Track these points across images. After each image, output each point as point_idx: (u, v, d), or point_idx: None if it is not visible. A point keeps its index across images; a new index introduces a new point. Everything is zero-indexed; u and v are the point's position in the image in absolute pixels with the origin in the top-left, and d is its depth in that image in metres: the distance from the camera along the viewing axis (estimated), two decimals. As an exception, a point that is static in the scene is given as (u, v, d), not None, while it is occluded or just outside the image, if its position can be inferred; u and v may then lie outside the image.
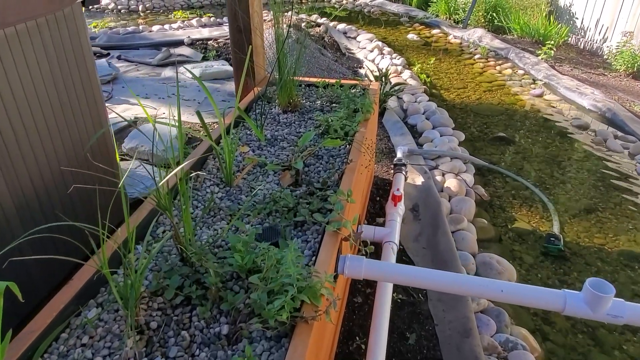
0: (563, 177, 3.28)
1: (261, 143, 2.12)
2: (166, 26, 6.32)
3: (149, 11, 8.10)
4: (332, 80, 2.65)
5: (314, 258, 1.40)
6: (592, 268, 2.47)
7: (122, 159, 3.17)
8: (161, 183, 1.25)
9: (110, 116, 3.78)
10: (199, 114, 1.71)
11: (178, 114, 1.36)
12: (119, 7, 8.06)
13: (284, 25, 2.32)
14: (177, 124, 1.44)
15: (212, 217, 1.65)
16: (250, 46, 2.52)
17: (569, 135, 3.87)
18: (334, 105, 2.46)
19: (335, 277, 1.49)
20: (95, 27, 6.86)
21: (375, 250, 2.34)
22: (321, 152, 2.02)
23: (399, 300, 2.09)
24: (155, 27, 6.27)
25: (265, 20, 5.72)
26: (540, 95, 4.60)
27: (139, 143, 3.19)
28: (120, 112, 3.84)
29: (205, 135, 1.76)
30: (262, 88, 2.58)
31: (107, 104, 4.00)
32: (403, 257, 2.35)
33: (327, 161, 1.97)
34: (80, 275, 1.28)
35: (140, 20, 7.27)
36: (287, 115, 2.36)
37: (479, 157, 3.41)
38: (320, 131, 2.17)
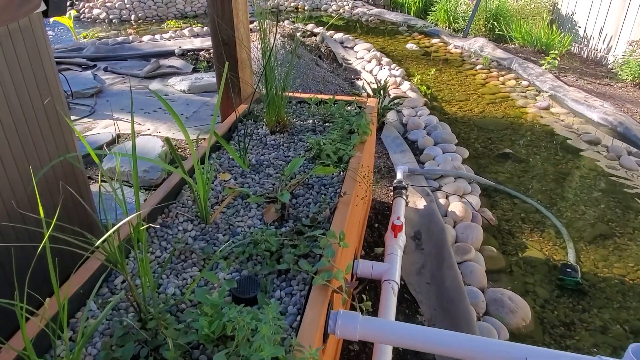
0: (575, 198, 3.05)
1: (245, 169, 1.89)
2: (157, 36, 6.11)
3: (141, 21, 7.91)
4: (326, 96, 2.43)
5: (299, 317, 1.17)
6: (614, 304, 2.23)
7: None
8: (108, 234, 1.01)
9: (90, 133, 3.56)
10: (168, 141, 1.48)
11: (133, 143, 1.13)
12: (111, 16, 7.87)
13: (273, 36, 2.10)
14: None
15: (183, 261, 1.41)
16: (227, 62, 2.30)
17: (580, 151, 3.65)
18: (327, 124, 2.23)
19: (325, 336, 1.25)
20: (85, 37, 6.66)
21: (373, 286, 2.11)
22: (312, 181, 1.79)
23: (401, 349, 1.84)
24: (145, 37, 6.07)
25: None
26: (546, 108, 4.38)
27: (119, 163, 2.96)
28: (102, 127, 3.61)
29: (177, 166, 1.53)
30: (249, 105, 2.35)
31: (88, 119, 3.77)
32: (405, 294, 2.11)
33: (319, 191, 1.74)
34: (6, 355, 1.04)
35: (130, 30, 7.07)
36: (274, 137, 2.13)
37: (484, 177, 3.18)
38: (311, 155, 1.94)
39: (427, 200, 2.73)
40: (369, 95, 3.73)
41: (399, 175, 2.80)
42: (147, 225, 1.25)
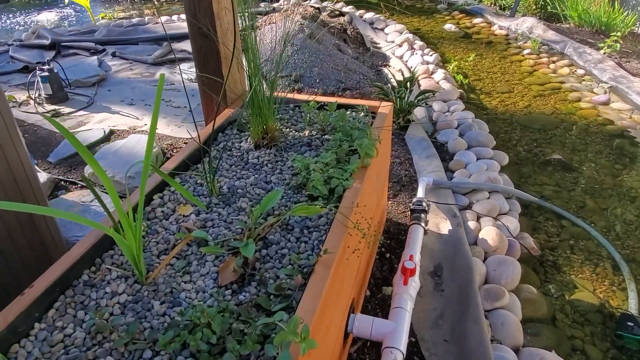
0: (639, 221, 2.49)
1: (212, 199, 1.50)
2: (174, 17, 5.76)
3: (164, 0, 7.59)
4: (329, 99, 1.99)
5: None
6: (691, 375, 1.73)
7: (81, 187, 2.63)
8: None
9: (82, 128, 3.26)
10: (84, 178, 1.10)
11: None
12: (134, -5, 7.59)
13: (250, 9, 1.66)
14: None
15: (98, 345, 1.05)
16: (207, 59, 1.89)
17: (646, 159, 3.05)
18: (327, 136, 1.80)
19: None
20: (103, 17, 6.40)
21: (373, 346, 1.62)
22: (292, 221, 1.38)
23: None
24: (163, 19, 5.73)
25: (279, 12, 5.07)
26: (605, 103, 3.74)
27: (103, 167, 2.64)
28: (97, 121, 3.31)
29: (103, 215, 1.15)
30: (236, 110, 1.95)
31: (84, 112, 3.48)
32: (415, 355, 1.69)
33: (299, 237, 1.33)
34: None
35: (147, 11, 6.75)
36: (259, 153, 1.73)
37: (526, 191, 2.67)
38: (297, 183, 1.52)
39: (454, 223, 2.26)
40: (393, 89, 3.24)
41: (420, 192, 2.34)
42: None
